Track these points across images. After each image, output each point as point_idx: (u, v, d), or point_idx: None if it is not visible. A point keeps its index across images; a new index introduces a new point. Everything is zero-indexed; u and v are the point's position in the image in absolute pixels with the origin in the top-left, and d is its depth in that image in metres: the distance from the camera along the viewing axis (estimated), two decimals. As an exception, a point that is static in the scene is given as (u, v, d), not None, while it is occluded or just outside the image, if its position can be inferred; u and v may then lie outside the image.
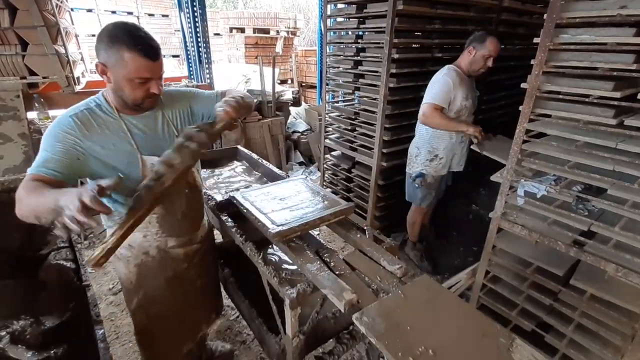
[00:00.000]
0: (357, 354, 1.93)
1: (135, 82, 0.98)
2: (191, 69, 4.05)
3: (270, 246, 1.68)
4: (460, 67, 2.15)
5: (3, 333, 1.16)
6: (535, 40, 1.49)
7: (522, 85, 1.57)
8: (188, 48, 3.90)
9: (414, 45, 2.63)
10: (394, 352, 0.81)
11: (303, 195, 1.51)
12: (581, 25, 1.46)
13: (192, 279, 1.34)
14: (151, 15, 8.82)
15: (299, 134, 4.69)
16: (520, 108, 1.58)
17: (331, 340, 1.40)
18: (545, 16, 1.47)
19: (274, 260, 1.56)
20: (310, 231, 1.33)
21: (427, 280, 1.09)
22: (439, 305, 0.96)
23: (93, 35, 7.75)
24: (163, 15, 9.17)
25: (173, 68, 8.46)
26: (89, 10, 7.54)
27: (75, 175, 1.03)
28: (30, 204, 0.85)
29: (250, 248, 1.28)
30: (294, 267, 1.46)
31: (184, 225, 1.25)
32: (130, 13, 8.28)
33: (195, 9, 3.43)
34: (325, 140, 3.25)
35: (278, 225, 1.25)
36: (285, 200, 1.46)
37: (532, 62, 1.52)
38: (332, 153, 3.33)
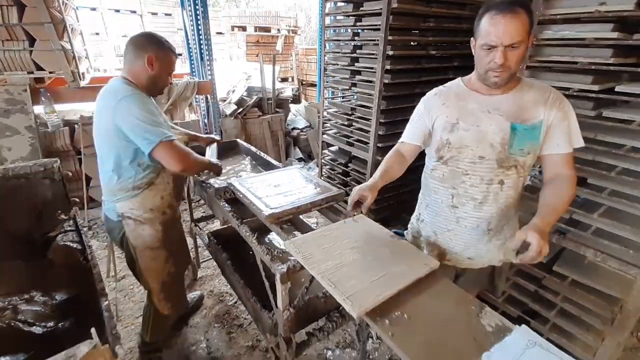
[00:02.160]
0: (349, 337, 2.00)
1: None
2: (193, 66, 4.13)
3: (265, 234, 1.77)
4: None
5: (13, 305, 1.25)
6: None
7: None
8: (190, 45, 3.98)
9: (411, 43, 2.70)
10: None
11: (297, 183, 1.59)
12: (563, 21, 1.54)
13: (181, 230, 1.71)
14: (154, 14, 8.92)
15: (299, 130, 4.77)
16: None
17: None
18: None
19: (267, 241, 1.64)
20: (305, 220, 1.42)
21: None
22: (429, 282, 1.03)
23: (97, 34, 7.87)
24: (166, 14, 9.27)
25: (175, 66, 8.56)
26: (93, 9, 7.65)
27: None
28: None
29: (245, 229, 1.36)
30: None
31: (179, 193, 1.65)
32: (134, 12, 8.38)
33: (197, 7, 3.51)
34: (323, 135, 3.32)
35: (271, 208, 1.33)
36: (279, 187, 1.54)
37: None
38: (330, 148, 3.41)
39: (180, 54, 9.38)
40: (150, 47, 1.36)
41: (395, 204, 3.04)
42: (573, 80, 1.51)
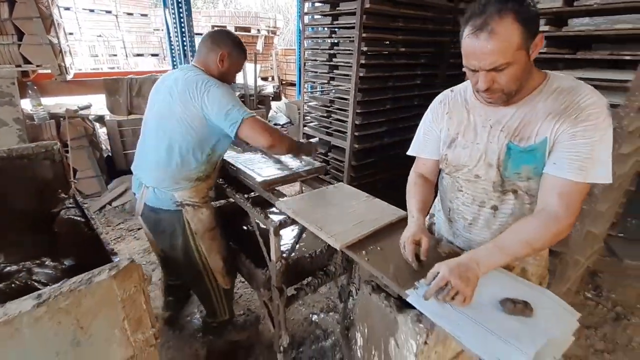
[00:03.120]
0: (331, 303, 2.21)
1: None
2: (175, 64, 4.24)
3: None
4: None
5: (27, 268, 1.36)
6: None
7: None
8: (172, 43, 4.10)
9: (385, 42, 2.96)
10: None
11: (284, 159, 1.79)
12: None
13: None
14: (130, 14, 8.87)
15: (280, 126, 4.96)
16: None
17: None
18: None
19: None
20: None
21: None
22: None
23: (71, 34, 7.72)
24: (142, 15, 9.23)
25: (152, 67, 8.54)
26: (67, 9, 7.52)
27: None
28: None
29: (240, 196, 1.55)
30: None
31: None
32: (109, 12, 8.31)
33: (180, 5, 3.64)
34: (304, 127, 3.53)
35: (263, 177, 1.53)
36: (268, 162, 1.74)
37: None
38: (311, 139, 3.61)
39: (158, 55, 9.36)
40: (225, 44, 1.43)
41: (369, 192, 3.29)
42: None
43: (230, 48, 1.44)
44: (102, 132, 3.82)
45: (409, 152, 1.24)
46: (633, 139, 1.69)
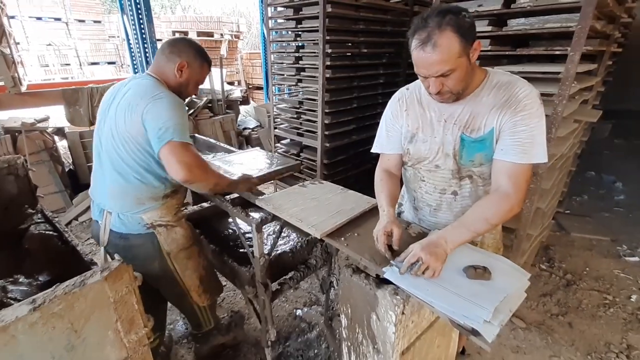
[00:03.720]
0: (314, 297, 2.29)
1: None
2: (136, 71, 4.13)
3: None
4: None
5: (1, 286, 1.31)
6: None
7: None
8: (133, 51, 3.99)
9: (347, 44, 3.09)
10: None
11: (260, 159, 1.84)
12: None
13: None
14: (82, 21, 8.45)
15: (250, 130, 4.97)
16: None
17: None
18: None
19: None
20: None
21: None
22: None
23: (18, 43, 7.21)
24: (95, 21, 8.82)
25: (110, 75, 8.18)
26: (12, 17, 7.02)
27: None
28: None
29: (218, 198, 1.59)
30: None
31: None
32: (58, 19, 7.86)
33: (139, 11, 3.56)
34: (275, 130, 3.59)
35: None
36: (244, 163, 1.79)
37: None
38: (282, 141, 3.68)
39: (114, 62, 8.97)
40: (186, 54, 1.33)
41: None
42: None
43: (190, 58, 1.34)
44: (62, 145, 3.64)
45: (374, 150, 1.32)
46: (568, 124, 1.93)
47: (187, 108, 4.19)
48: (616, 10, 1.95)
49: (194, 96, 4.38)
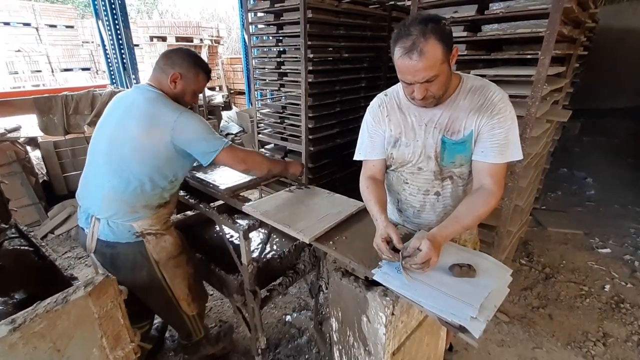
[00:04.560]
0: (303, 302, 2.29)
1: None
2: (113, 77, 4.02)
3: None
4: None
5: (-27, 307, 1.24)
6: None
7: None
8: (109, 57, 3.88)
9: (329, 49, 3.12)
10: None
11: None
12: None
13: None
14: (53, 26, 8.14)
15: (233, 135, 4.92)
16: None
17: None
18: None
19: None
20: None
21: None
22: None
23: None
24: (67, 26, 8.52)
25: (85, 82, 7.91)
26: (-24, 22, 6.70)
27: None
28: None
29: (203, 205, 1.56)
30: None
31: None
32: (27, 24, 7.54)
33: (115, 15, 3.47)
34: (259, 135, 3.57)
35: (227, 185, 1.56)
36: (227, 170, 1.77)
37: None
38: (266, 146, 3.66)
39: (89, 69, 8.69)
40: (180, 65, 1.35)
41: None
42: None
43: (184, 69, 1.36)
44: (35, 155, 3.49)
45: (357, 157, 1.31)
46: (541, 124, 2.02)
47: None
48: (581, 15, 2.06)
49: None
